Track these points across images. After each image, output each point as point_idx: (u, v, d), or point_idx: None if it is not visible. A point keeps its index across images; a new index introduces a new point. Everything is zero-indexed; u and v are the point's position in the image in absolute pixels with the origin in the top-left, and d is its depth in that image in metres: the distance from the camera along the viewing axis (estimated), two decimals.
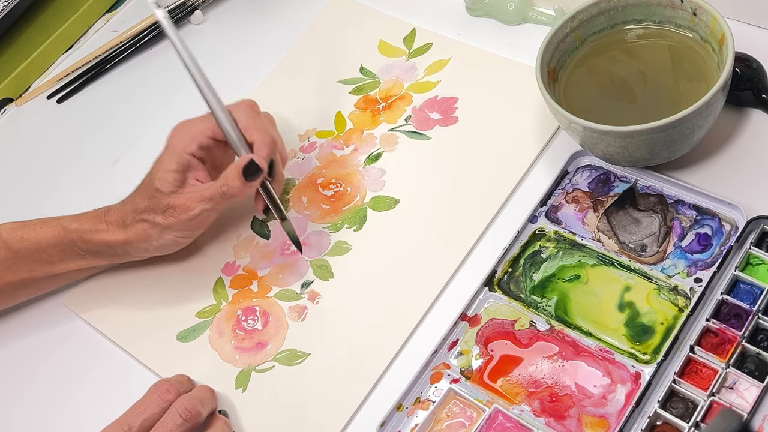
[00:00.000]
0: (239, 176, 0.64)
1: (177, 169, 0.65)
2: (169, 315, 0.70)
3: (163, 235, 0.66)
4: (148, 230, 0.66)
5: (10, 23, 0.93)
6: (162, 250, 0.68)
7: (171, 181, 0.65)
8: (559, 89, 0.67)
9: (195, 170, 0.66)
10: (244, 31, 0.88)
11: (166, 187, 0.65)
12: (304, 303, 0.68)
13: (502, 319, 0.62)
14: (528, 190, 0.68)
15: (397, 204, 0.71)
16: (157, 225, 0.65)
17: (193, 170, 0.66)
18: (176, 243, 0.67)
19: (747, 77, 0.65)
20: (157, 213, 0.65)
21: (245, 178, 0.64)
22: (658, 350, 0.58)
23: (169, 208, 0.65)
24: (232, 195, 0.65)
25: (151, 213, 0.65)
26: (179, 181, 0.65)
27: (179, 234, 0.66)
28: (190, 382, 0.63)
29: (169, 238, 0.66)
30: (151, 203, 0.65)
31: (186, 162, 0.66)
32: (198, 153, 0.67)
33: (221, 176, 0.65)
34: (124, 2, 0.97)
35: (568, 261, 0.64)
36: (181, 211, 0.65)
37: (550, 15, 0.77)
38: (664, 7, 0.66)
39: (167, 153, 0.66)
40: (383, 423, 0.59)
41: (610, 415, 0.57)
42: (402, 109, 0.76)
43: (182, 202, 0.65)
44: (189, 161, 0.66)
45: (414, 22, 0.82)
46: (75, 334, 0.71)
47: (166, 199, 0.65)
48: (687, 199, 0.64)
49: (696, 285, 0.60)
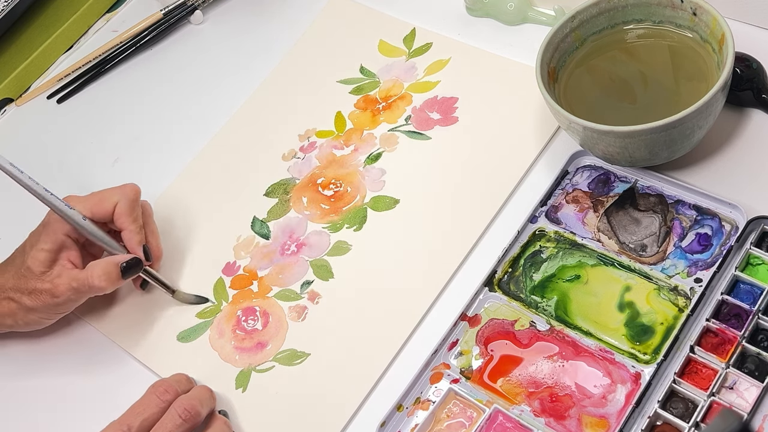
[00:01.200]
0: (116, 272, 0.64)
1: (50, 249, 0.65)
2: (170, 315, 0.70)
3: (28, 315, 0.66)
4: (14, 309, 0.65)
5: (10, 23, 0.93)
6: (27, 327, 0.68)
7: (42, 260, 0.65)
8: (559, 89, 0.67)
9: (68, 251, 0.66)
10: (244, 31, 0.88)
11: (36, 266, 0.65)
12: (304, 303, 0.68)
13: (502, 319, 0.62)
14: (528, 190, 0.68)
15: (397, 204, 0.71)
16: (23, 305, 0.65)
17: (66, 250, 0.66)
18: (40, 323, 0.67)
19: (747, 77, 0.65)
20: (24, 293, 0.65)
21: (123, 276, 0.65)
22: (658, 350, 0.58)
23: (35, 291, 0.64)
24: (103, 289, 0.65)
25: (18, 292, 0.65)
26: (50, 260, 0.65)
27: (43, 316, 0.66)
28: (189, 382, 0.63)
29: (34, 318, 0.66)
30: (18, 282, 0.65)
31: (60, 242, 0.65)
32: (73, 234, 0.66)
33: (89, 267, 0.64)
34: (124, 2, 0.97)
35: (568, 261, 0.64)
36: (48, 296, 0.64)
37: (550, 15, 0.77)
38: (664, 7, 0.66)
39: (43, 230, 0.66)
40: (383, 423, 0.59)
41: (610, 415, 0.57)
42: (402, 109, 0.76)
43: (49, 288, 0.64)
44: (63, 241, 0.66)
45: (414, 22, 0.82)
46: (75, 334, 0.71)
47: (33, 282, 0.64)
48: (687, 199, 0.64)
49: (696, 285, 0.60)
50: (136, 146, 0.83)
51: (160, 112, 0.85)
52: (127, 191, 0.68)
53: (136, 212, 0.68)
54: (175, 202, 0.76)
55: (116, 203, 0.67)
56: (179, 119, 0.83)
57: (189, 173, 0.78)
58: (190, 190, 0.77)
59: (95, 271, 0.64)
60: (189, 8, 0.90)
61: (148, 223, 0.70)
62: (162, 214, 0.75)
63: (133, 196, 0.68)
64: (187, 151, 0.80)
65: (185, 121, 0.83)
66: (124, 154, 0.83)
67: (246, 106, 0.81)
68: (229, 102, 0.82)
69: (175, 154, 0.80)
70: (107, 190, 0.68)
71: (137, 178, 0.72)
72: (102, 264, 0.65)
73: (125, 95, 0.88)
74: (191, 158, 0.79)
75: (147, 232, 0.69)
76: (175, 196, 0.77)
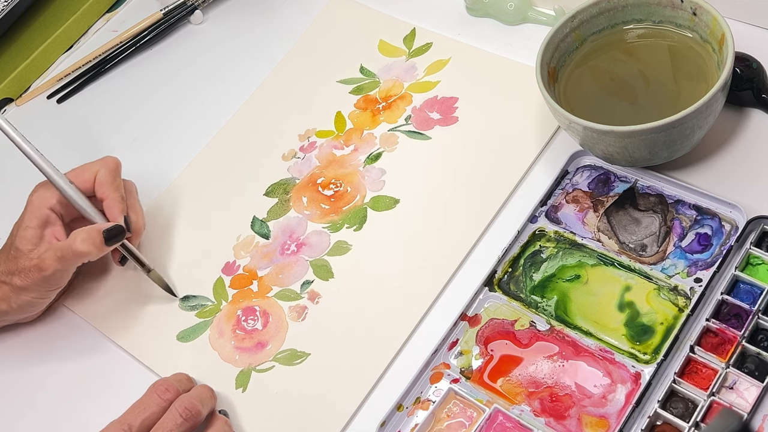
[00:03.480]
0: (99, 238, 0.65)
1: (36, 225, 0.66)
2: (170, 315, 0.70)
3: (20, 296, 0.66)
4: (7, 292, 0.66)
5: (10, 23, 0.93)
6: (22, 311, 0.68)
7: (29, 238, 0.65)
8: (559, 89, 0.67)
9: (53, 226, 0.67)
10: (244, 31, 0.88)
11: (24, 244, 0.65)
12: (304, 303, 0.68)
13: (502, 319, 0.62)
14: (528, 190, 0.68)
15: (397, 204, 0.71)
16: (15, 286, 0.65)
17: (51, 226, 0.67)
18: (33, 305, 0.68)
19: (747, 77, 0.65)
20: (14, 274, 0.65)
21: (106, 242, 0.65)
22: (658, 350, 0.58)
23: (24, 270, 0.65)
24: (88, 256, 0.65)
25: (9, 275, 0.65)
26: (37, 237, 0.66)
27: (35, 295, 0.66)
28: (190, 381, 0.63)
29: (27, 300, 0.66)
30: (9, 265, 0.66)
31: (45, 217, 0.66)
32: (57, 208, 0.67)
33: (72, 235, 0.65)
34: (124, 2, 0.97)
35: (568, 261, 0.64)
36: (36, 272, 0.65)
37: (550, 15, 0.77)
38: (664, 7, 0.66)
39: (26, 211, 0.67)
40: (383, 423, 0.59)
41: (610, 415, 0.57)
42: (402, 109, 0.76)
43: (36, 263, 0.65)
44: (48, 216, 0.66)
45: (414, 22, 0.82)
46: (75, 334, 0.71)
47: (22, 261, 0.65)
48: (687, 199, 0.64)
49: (696, 285, 0.60)
50: (136, 146, 0.83)
51: (159, 112, 0.85)
52: (107, 162, 0.69)
53: (117, 182, 0.68)
54: (175, 201, 0.76)
55: (97, 172, 0.68)
56: (179, 119, 0.83)
57: (189, 173, 0.78)
58: (190, 189, 0.77)
59: (78, 236, 0.65)
60: (189, 8, 0.90)
61: (132, 201, 0.70)
62: (162, 213, 0.75)
63: (114, 167, 0.69)
64: (187, 150, 0.80)
65: (185, 121, 0.83)
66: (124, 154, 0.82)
67: (246, 106, 0.81)
68: (229, 102, 0.82)
69: (175, 153, 0.80)
70: (87, 163, 0.69)
71: (137, 177, 0.72)
72: (85, 230, 0.65)
73: (125, 95, 0.88)
74: (191, 158, 0.79)
75: (129, 208, 0.69)
76: (175, 196, 0.77)
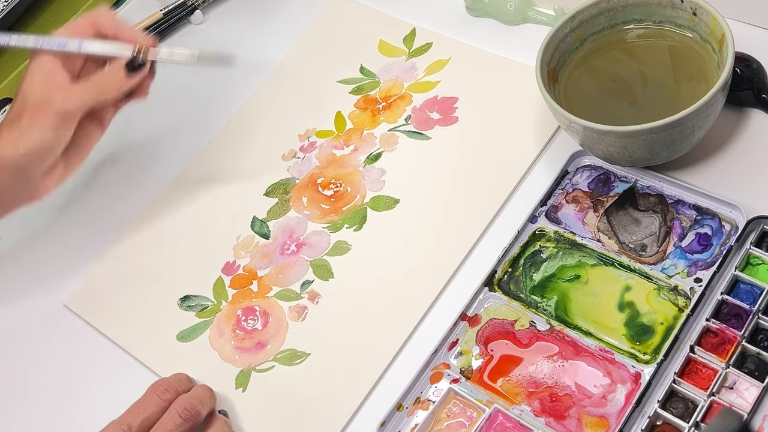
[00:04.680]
0: (122, 70, 0.64)
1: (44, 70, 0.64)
2: (169, 315, 0.70)
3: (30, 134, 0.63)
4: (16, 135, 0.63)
5: (10, 23, 0.93)
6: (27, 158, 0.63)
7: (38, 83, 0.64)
8: (559, 89, 0.67)
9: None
10: (244, 31, 0.88)
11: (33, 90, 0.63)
12: (304, 303, 0.68)
13: (502, 319, 0.62)
14: (528, 190, 0.68)
15: (397, 204, 0.71)
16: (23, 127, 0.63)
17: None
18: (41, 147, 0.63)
19: (747, 77, 0.65)
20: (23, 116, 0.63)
21: (129, 72, 0.65)
22: (658, 350, 0.58)
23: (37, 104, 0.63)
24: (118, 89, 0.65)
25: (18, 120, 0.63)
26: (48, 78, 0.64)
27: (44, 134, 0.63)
28: (189, 381, 0.63)
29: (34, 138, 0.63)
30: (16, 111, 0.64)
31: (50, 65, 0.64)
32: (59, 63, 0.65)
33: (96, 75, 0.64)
34: (124, 2, 0.97)
35: (568, 261, 0.64)
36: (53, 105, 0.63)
37: (550, 15, 0.77)
38: (664, 7, 0.66)
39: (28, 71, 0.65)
40: (383, 423, 0.59)
41: (610, 415, 0.57)
42: (402, 108, 0.76)
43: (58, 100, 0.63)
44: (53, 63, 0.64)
45: (414, 22, 0.82)
46: (75, 334, 0.71)
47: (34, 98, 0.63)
48: (687, 199, 0.64)
49: (696, 285, 0.60)
50: (136, 146, 0.83)
51: (159, 112, 0.84)
52: (98, 8, 0.68)
53: (118, 18, 0.67)
54: (175, 201, 0.76)
55: (92, 16, 0.66)
56: (179, 119, 0.83)
57: (189, 173, 0.78)
58: (190, 189, 0.77)
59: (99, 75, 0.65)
60: (189, 8, 0.90)
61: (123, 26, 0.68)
62: (162, 213, 0.75)
63: (106, 9, 0.68)
64: (187, 150, 0.80)
65: (185, 121, 0.83)
66: (123, 154, 0.83)
67: (246, 106, 0.81)
68: (228, 102, 0.82)
69: (175, 153, 0.80)
70: (70, 22, 0.67)
71: (136, 178, 0.72)
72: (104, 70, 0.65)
73: None
74: (191, 158, 0.79)
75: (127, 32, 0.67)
76: (175, 196, 0.77)
